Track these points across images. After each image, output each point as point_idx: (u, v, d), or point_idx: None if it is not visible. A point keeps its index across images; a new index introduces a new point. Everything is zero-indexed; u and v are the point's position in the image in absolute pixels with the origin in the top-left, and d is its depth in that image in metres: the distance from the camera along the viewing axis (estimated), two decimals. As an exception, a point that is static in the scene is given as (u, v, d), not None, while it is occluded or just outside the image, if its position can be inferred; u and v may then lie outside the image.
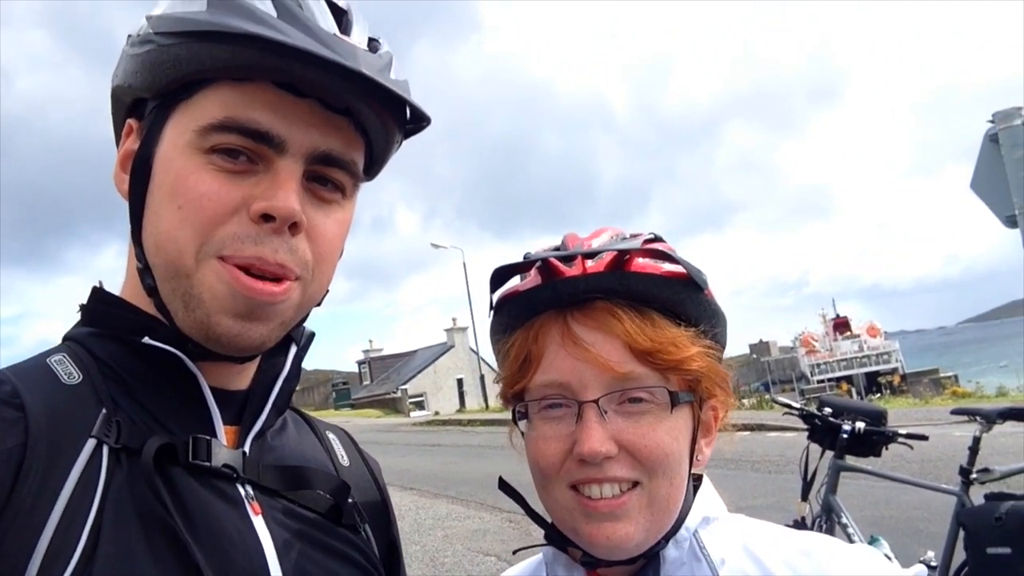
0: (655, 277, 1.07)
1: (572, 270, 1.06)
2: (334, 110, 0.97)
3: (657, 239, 1.12)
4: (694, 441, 1.11)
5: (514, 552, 1.42)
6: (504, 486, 1.25)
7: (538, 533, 1.20)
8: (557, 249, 1.13)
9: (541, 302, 1.10)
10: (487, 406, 39.41)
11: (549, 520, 1.14)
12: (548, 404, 1.08)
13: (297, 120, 0.95)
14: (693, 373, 1.07)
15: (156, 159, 0.98)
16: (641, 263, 1.07)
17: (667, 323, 1.07)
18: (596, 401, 1.04)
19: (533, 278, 1.10)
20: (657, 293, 1.07)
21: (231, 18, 0.90)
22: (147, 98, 1.01)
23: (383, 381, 57.90)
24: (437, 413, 42.96)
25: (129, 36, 1.01)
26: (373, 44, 1.01)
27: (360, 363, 61.69)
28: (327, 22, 0.95)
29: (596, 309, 1.06)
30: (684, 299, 1.09)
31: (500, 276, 1.15)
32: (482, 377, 42.72)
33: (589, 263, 1.06)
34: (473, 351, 48.56)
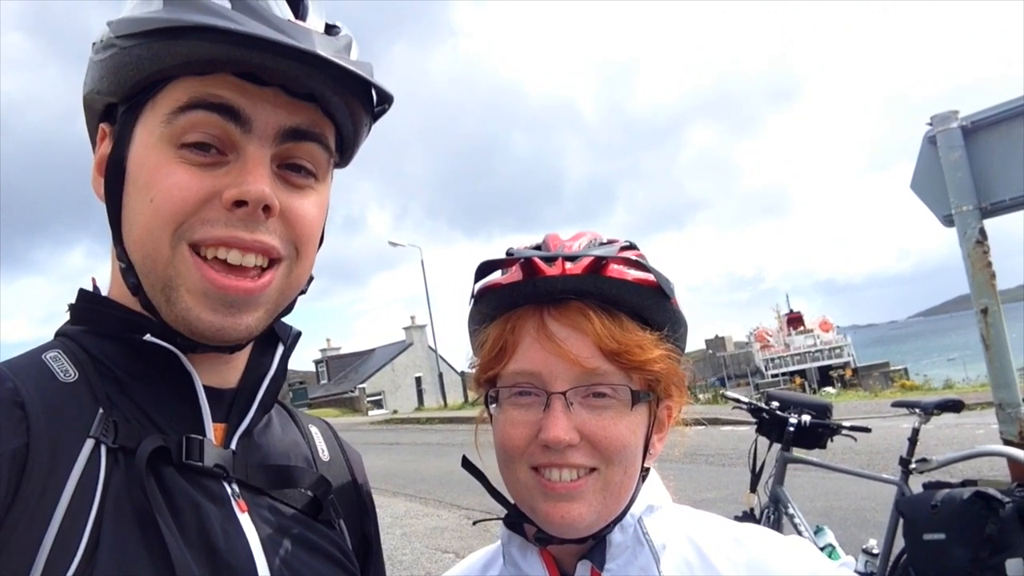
0: (627, 283, 1.14)
1: (552, 270, 1.13)
2: (298, 96, 0.99)
3: (632, 247, 1.20)
4: (648, 436, 1.19)
5: (473, 523, 1.48)
6: (467, 464, 1.33)
7: (497, 531, 1.26)
8: (538, 248, 1.20)
9: (521, 296, 1.16)
10: (445, 404, 39.24)
11: (511, 501, 1.21)
12: (519, 392, 1.15)
13: (262, 101, 0.97)
14: (654, 374, 1.15)
15: (129, 160, 1.00)
16: (615, 269, 1.13)
17: (634, 326, 1.15)
18: (564, 393, 1.11)
19: (514, 273, 1.16)
20: (628, 298, 1.14)
21: (186, 13, 0.93)
22: (117, 102, 1.03)
23: (341, 380, 57.28)
24: (395, 412, 42.65)
25: (94, 44, 1.03)
26: (332, 29, 1.03)
27: (317, 362, 60.98)
28: (282, 9, 0.98)
29: (570, 308, 1.13)
30: (651, 305, 1.16)
31: (484, 269, 1.21)
32: (440, 375, 42.48)
33: (568, 265, 1.13)
34: (432, 349, 48.31)
